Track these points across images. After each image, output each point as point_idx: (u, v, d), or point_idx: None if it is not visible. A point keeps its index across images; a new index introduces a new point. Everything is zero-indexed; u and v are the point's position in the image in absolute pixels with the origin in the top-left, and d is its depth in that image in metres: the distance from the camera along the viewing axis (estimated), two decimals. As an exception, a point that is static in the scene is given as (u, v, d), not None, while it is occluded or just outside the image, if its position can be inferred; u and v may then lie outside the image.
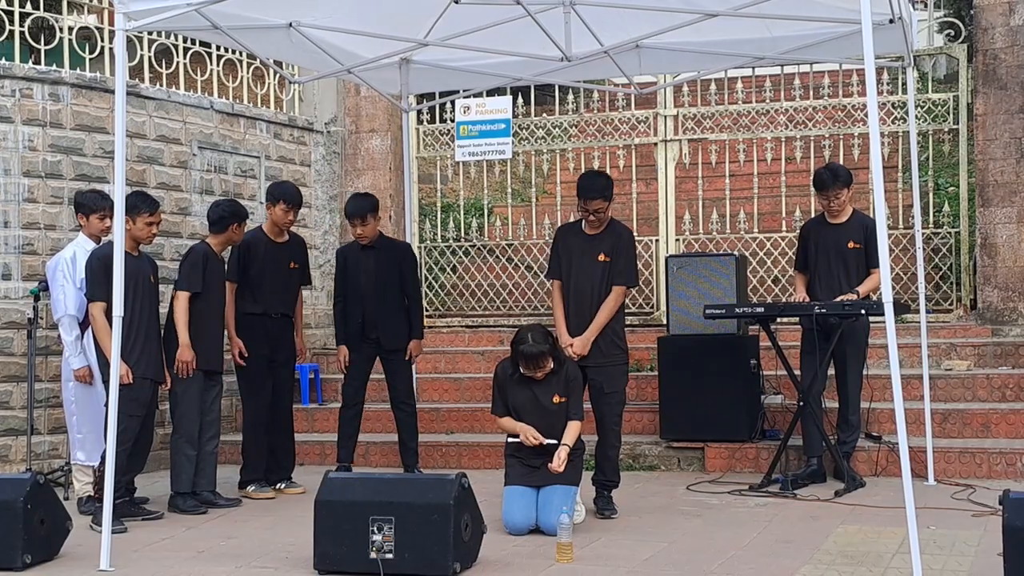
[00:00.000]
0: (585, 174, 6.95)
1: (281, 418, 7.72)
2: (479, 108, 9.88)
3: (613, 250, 6.61)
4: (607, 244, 6.63)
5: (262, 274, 7.53)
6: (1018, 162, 8.93)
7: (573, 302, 6.66)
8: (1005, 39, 8.99)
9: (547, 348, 6.11)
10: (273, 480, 7.65)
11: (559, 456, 6.09)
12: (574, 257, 6.68)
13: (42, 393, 7.91)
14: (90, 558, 5.61)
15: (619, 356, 6.65)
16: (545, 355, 6.10)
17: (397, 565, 5.10)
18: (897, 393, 4.88)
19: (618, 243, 6.64)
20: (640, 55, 7.63)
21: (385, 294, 7.72)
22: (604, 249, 6.62)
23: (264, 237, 7.60)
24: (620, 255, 6.62)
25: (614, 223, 6.78)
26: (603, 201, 6.58)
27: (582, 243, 6.69)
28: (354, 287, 7.74)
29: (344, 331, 7.81)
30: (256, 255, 7.51)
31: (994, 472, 7.35)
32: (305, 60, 7.94)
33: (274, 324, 7.59)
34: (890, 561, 5.33)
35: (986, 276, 9.08)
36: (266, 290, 7.54)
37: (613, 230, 6.70)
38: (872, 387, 7.59)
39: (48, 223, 8.10)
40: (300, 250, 7.91)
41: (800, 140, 9.88)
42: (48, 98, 8.14)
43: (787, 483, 7.12)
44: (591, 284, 6.60)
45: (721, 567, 5.32)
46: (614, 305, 6.60)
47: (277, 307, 7.61)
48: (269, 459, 7.66)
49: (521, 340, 6.15)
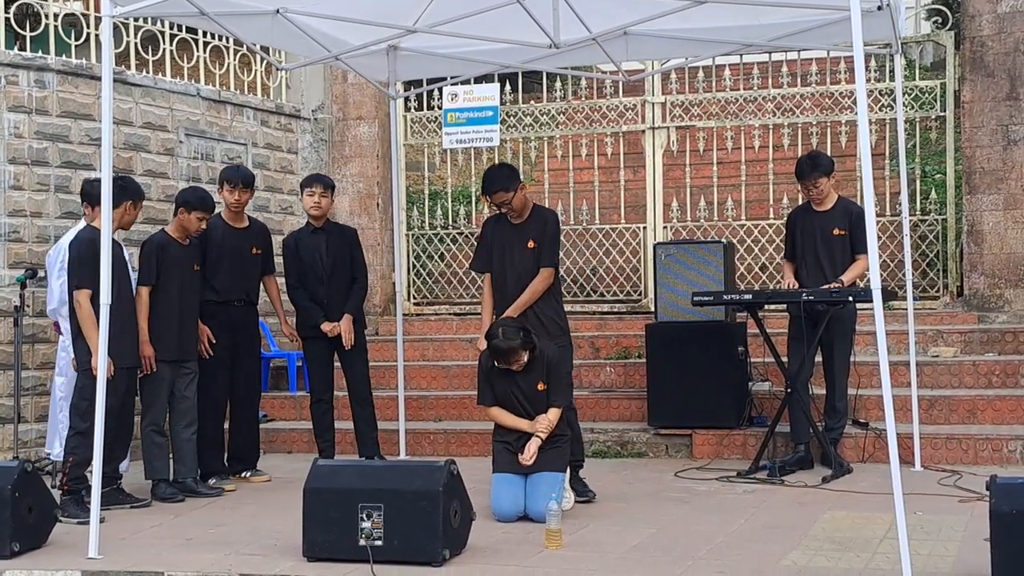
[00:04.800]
0: (488, 169, 6.95)
1: (247, 407, 7.66)
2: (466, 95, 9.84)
3: (541, 235, 6.65)
4: (535, 231, 6.66)
5: (220, 260, 7.40)
6: (1004, 149, 8.96)
7: (503, 294, 6.68)
8: (992, 26, 9.00)
9: (518, 343, 6.08)
10: (238, 469, 7.60)
11: (529, 448, 6.09)
12: (505, 248, 6.71)
13: (29, 381, 7.89)
14: (78, 546, 5.60)
15: (564, 339, 6.68)
16: (517, 350, 6.08)
17: (386, 552, 5.10)
18: (885, 380, 4.89)
19: (545, 227, 6.68)
20: (628, 42, 7.61)
21: (338, 276, 7.66)
22: (532, 236, 6.66)
23: (221, 223, 7.46)
24: (546, 238, 6.66)
25: (538, 209, 6.84)
26: (504, 193, 6.60)
27: (508, 233, 6.72)
28: (310, 270, 7.62)
29: (314, 309, 7.62)
30: (213, 242, 7.38)
31: (980, 458, 7.39)
32: (292, 46, 7.90)
33: (236, 312, 7.48)
34: (877, 546, 5.35)
35: (972, 263, 9.12)
36: (224, 277, 7.41)
37: (539, 216, 6.76)
38: (859, 374, 7.61)
39: (34, 210, 8.07)
40: (262, 236, 7.76)
41: (788, 127, 9.88)
42: (34, 85, 8.10)
43: (775, 469, 7.14)
44: (521, 273, 6.64)
45: (709, 552, 5.34)
46: (540, 287, 6.61)
47: (238, 294, 7.50)
48: (235, 448, 7.62)
49: (492, 336, 6.14)
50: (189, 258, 7.21)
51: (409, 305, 10.52)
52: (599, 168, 10.36)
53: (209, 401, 7.35)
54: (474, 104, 9.82)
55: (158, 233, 7.27)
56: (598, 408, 8.63)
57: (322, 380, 7.74)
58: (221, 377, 7.41)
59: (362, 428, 7.76)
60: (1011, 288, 8.98)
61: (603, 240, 10.26)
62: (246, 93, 10.04)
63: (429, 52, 8.02)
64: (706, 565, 5.10)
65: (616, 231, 10.22)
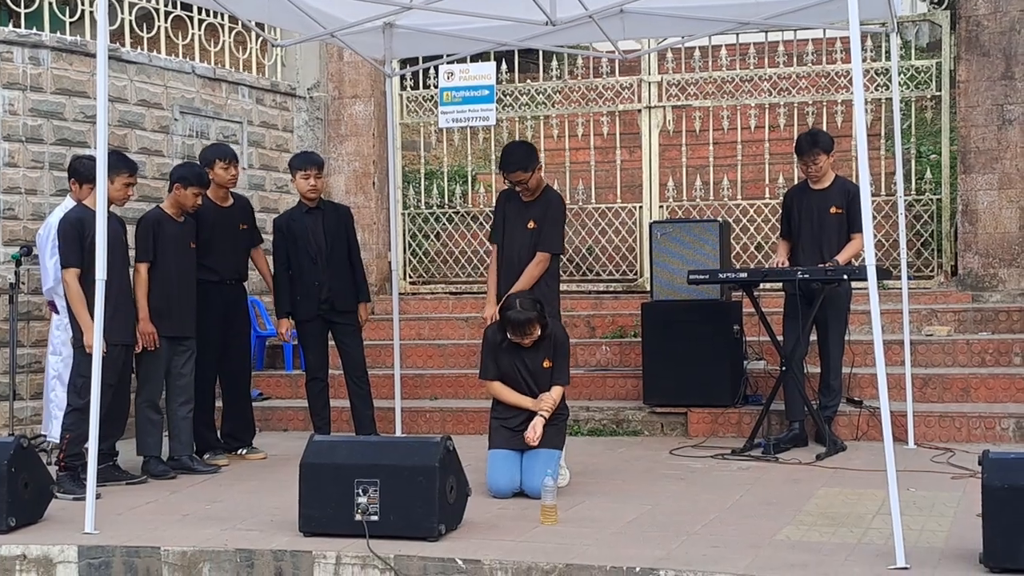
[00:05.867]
0: (507, 145, 6.96)
1: (239, 385, 7.68)
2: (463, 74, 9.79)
3: (542, 217, 6.66)
4: (537, 211, 6.68)
5: (211, 240, 7.39)
6: (999, 129, 8.97)
7: (505, 268, 6.74)
8: (988, 5, 9.00)
9: (535, 315, 6.10)
10: (234, 446, 7.63)
11: (534, 428, 6.11)
12: (508, 223, 6.76)
13: (24, 359, 7.90)
14: (75, 521, 5.61)
15: (554, 323, 6.65)
16: (533, 322, 6.10)
17: (382, 527, 5.12)
18: (879, 357, 4.91)
19: (547, 210, 6.68)
20: (624, 20, 7.60)
21: (335, 255, 7.62)
22: (534, 216, 6.68)
23: (209, 203, 7.41)
24: (546, 222, 6.67)
25: (548, 191, 6.84)
26: (523, 172, 6.62)
27: (517, 209, 6.76)
28: (304, 251, 7.57)
29: (289, 300, 7.62)
30: (204, 221, 7.35)
31: (973, 436, 7.43)
32: (287, 23, 7.89)
33: (228, 291, 7.51)
34: (871, 522, 5.38)
35: (967, 243, 9.14)
36: (217, 256, 7.41)
37: (545, 198, 6.76)
38: (854, 352, 7.65)
39: (29, 187, 8.06)
40: (246, 211, 7.79)
41: (784, 107, 9.88)
42: (28, 62, 8.08)
43: (769, 447, 7.17)
44: (520, 251, 6.68)
45: (704, 528, 5.36)
46: (536, 271, 6.63)
47: (231, 273, 7.52)
48: (230, 426, 7.65)
49: (509, 307, 6.15)
50: (185, 235, 7.20)
51: (405, 284, 10.53)
52: (595, 148, 10.36)
53: (200, 378, 7.35)
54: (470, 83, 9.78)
55: (153, 210, 7.25)
56: (594, 387, 8.65)
57: (317, 358, 7.74)
58: (211, 354, 7.42)
59: (358, 406, 7.77)
60: (1005, 267, 9.01)
61: (599, 220, 10.26)
62: (241, 71, 10.02)
63: (425, 30, 8.00)
64: (700, 540, 5.13)
65: (612, 211, 10.23)
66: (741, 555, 4.84)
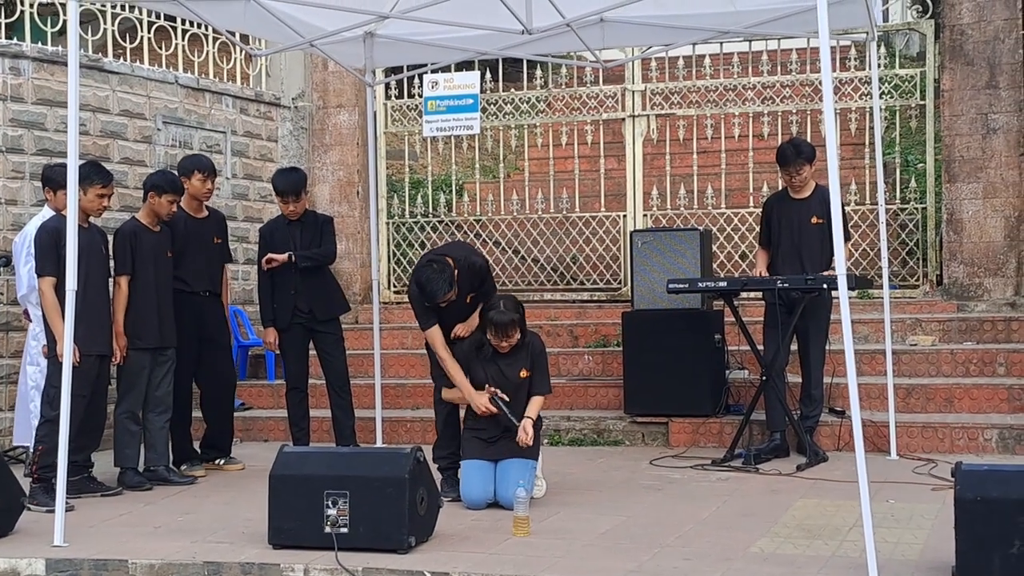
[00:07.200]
0: (426, 272, 6.25)
1: (218, 397, 7.61)
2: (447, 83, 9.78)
3: (480, 290, 6.46)
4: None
5: (185, 251, 7.32)
6: (984, 138, 8.95)
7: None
8: (972, 14, 8.98)
9: (517, 317, 6.08)
10: (212, 457, 7.59)
11: (525, 429, 6.07)
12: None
13: (3, 370, 7.86)
14: (44, 534, 5.56)
15: None
16: (515, 323, 6.07)
17: (352, 539, 5.08)
18: (850, 367, 4.88)
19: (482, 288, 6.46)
20: (604, 28, 7.57)
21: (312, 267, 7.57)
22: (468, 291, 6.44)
23: (183, 214, 7.33)
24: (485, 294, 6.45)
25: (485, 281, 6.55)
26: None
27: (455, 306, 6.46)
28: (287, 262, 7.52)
29: (272, 310, 7.59)
30: (178, 232, 7.28)
31: (956, 447, 7.38)
32: (266, 33, 7.86)
33: (204, 302, 7.44)
34: (847, 534, 5.35)
35: (952, 252, 9.11)
36: (187, 267, 7.33)
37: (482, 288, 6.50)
38: (835, 362, 7.59)
39: (9, 198, 8.02)
40: (221, 225, 7.71)
41: (768, 116, 9.86)
42: (9, 72, 8.06)
43: (750, 457, 7.13)
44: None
45: (678, 540, 5.32)
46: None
47: (205, 285, 7.45)
48: (209, 436, 7.61)
49: (492, 307, 6.12)
50: (162, 244, 7.15)
51: (389, 293, 10.50)
52: (580, 156, 10.33)
53: (176, 388, 7.28)
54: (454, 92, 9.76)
55: (129, 221, 7.19)
56: (575, 396, 8.62)
57: (298, 368, 7.70)
58: (186, 365, 7.36)
59: (339, 417, 7.73)
60: (990, 277, 8.97)
61: (583, 228, 10.23)
62: (225, 81, 10.00)
63: (406, 39, 7.97)
64: (673, 552, 5.09)
65: (596, 219, 10.20)
66: (713, 568, 4.80)
